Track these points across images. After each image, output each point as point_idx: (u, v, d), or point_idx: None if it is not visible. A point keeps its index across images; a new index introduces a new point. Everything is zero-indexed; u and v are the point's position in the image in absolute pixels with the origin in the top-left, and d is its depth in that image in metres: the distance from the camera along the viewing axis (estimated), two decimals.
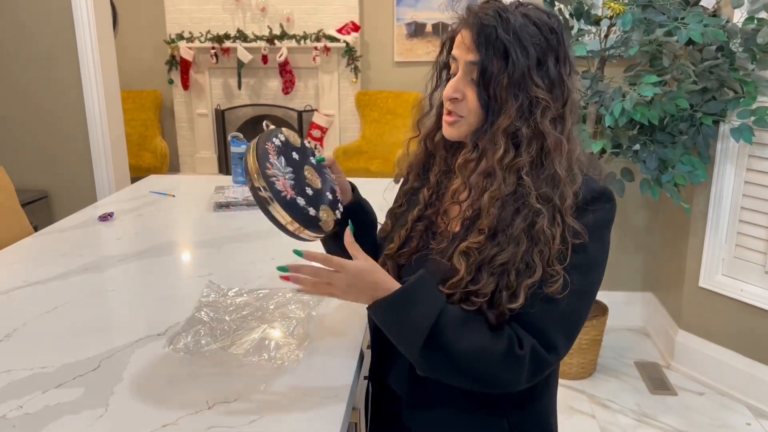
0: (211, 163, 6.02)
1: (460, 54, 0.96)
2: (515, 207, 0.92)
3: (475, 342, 0.91)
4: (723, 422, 2.40)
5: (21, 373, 1.06)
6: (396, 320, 0.93)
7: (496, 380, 0.92)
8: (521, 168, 0.93)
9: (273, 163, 0.97)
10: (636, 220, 3.03)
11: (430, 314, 0.91)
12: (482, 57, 0.93)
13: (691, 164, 2.32)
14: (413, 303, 0.92)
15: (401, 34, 5.48)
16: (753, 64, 2.25)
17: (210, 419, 0.93)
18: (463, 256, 0.94)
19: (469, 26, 0.95)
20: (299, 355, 1.10)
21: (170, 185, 2.33)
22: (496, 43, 0.92)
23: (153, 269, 1.54)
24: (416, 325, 0.90)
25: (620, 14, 2.17)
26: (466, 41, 0.95)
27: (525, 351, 0.90)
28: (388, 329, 0.95)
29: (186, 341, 1.13)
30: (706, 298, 2.62)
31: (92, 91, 3.14)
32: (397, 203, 1.16)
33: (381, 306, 0.93)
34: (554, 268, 0.90)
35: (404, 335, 0.92)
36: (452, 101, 0.97)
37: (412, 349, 0.92)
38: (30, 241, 1.75)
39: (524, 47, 0.92)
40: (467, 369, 0.92)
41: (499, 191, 0.93)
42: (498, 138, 0.93)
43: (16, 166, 3.17)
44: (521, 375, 0.91)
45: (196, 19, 5.60)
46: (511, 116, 0.93)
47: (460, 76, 0.97)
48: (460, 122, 0.98)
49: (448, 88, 0.97)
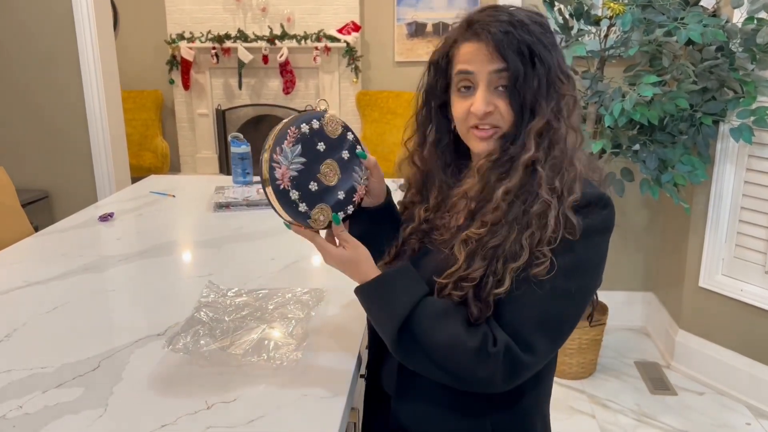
0: (212, 163, 6.02)
1: (478, 67, 0.94)
2: (523, 198, 0.92)
3: (449, 334, 0.91)
4: (723, 422, 2.40)
5: (21, 373, 1.06)
6: (373, 306, 0.98)
7: (471, 377, 0.91)
8: (537, 161, 0.93)
9: (283, 149, 0.97)
10: (636, 220, 3.03)
11: (407, 303, 0.93)
12: (511, 64, 0.92)
13: (691, 164, 2.32)
14: (391, 291, 0.95)
15: (402, 34, 5.48)
16: (753, 64, 2.25)
17: (209, 419, 0.93)
18: (463, 244, 0.94)
19: (480, 38, 0.93)
20: (298, 356, 1.10)
21: (170, 185, 2.34)
22: (520, 47, 0.92)
23: (153, 269, 1.54)
24: (391, 312, 0.94)
25: (620, 14, 2.17)
26: (482, 53, 0.93)
27: (498, 348, 0.89)
28: (368, 314, 1.00)
29: (185, 341, 1.13)
30: (706, 298, 2.62)
31: (93, 91, 3.14)
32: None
33: (362, 290, 0.98)
34: (541, 250, 0.89)
35: (380, 321, 0.96)
36: (486, 116, 0.95)
37: (387, 336, 0.95)
38: (30, 241, 1.76)
39: (545, 47, 0.93)
40: (441, 361, 0.92)
41: (512, 185, 0.93)
42: (530, 139, 0.93)
43: (16, 165, 3.18)
44: (495, 373, 0.89)
45: (196, 19, 5.60)
46: (545, 117, 0.93)
47: (484, 89, 0.94)
48: (497, 132, 0.96)
49: (478, 105, 0.94)
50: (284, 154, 0.97)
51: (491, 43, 0.92)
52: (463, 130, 1.00)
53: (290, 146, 0.97)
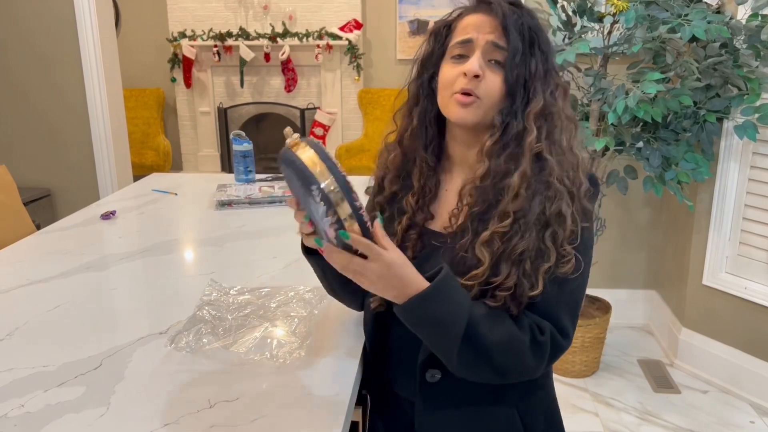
0: (214, 161, 6.02)
1: (478, 35, 0.95)
2: (537, 188, 0.93)
3: (505, 333, 0.91)
4: (727, 420, 2.39)
5: (23, 371, 1.05)
6: (432, 316, 0.89)
7: (523, 368, 0.93)
8: (543, 150, 0.94)
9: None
10: (639, 218, 3.02)
11: (464, 308, 0.90)
12: (512, 41, 0.93)
13: (695, 161, 2.32)
14: (448, 297, 0.89)
15: (404, 31, 5.47)
16: (757, 60, 2.24)
17: (212, 418, 0.92)
18: (486, 245, 0.92)
19: (487, 11, 0.95)
20: (301, 354, 1.09)
21: (172, 183, 2.33)
22: (523, 29, 0.94)
23: (155, 268, 1.54)
24: (454, 319, 0.88)
25: (623, 11, 2.16)
26: (486, 23, 0.95)
27: (546, 337, 0.92)
28: (423, 326, 0.90)
29: (188, 340, 1.13)
30: (710, 295, 2.61)
31: (95, 89, 3.14)
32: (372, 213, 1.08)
33: (415, 302, 0.87)
34: (565, 249, 0.92)
35: (442, 331, 0.89)
36: (474, 79, 0.94)
37: (449, 346, 0.89)
38: (32, 240, 1.75)
39: (545, 37, 0.96)
40: (500, 361, 0.91)
41: (525, 171, 0.93)
42: (530, 122, 0.94)
43: (18, 164, 3.18)
44: (543, 361, 0.93)
45: (198, 17, 5.60)
46: (543, 100, 0.95)
47: (479, 55, 0.94)
48: (477, 104, 0.95)
49: (472, 63, 0.94)
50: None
51: (497, 17, 0.94)
52: (445, 97, 0.98)
53: None
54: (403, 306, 0.88)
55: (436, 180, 1.05)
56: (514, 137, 0.95)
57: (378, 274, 0.85)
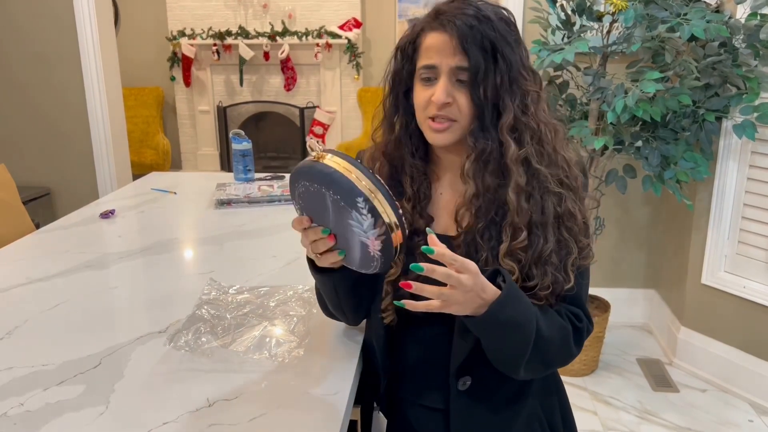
0: (214, 160, 6.02)
1: (441, 60, 0.94)
2: (539, 195, 0.95)
3: (558, 326, 0.96)
4: (725, 419, 2.39)
5: (22, 370, 1.06)
6: (513, 318, 0.89)
7: (568, 357, 0.99)
8: (530, 157, 0.95)
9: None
10: (638, 217, 3.02)
11: (532, 307, 0.93)
12: (472, 59, 0.92)
13: (694, 161, 2.32)
14: (520, 297, 0.92)
15: (403, 30, 5.44)
16: (756, 60, 2.24)
17: (211, 417, 0.93)
18: (511, 257, 0.94)
19: (446, 29, 0.93)
20: (300, 353, 1.10)
21: (172, 182, 2.33)
22: (483, 43, 0.92)
23: (154, 266, 1.54)
24: (529, 318, 0.91)
25: (622, 10, 2.16)
26: (446, 45, 0.93)
27: (583, 324, 1.00)
28: (503, 330, 0.90)
29: (187, 339, 1.13)
30: (709, 294, 2.61)
31: (94, 88, 3.14)
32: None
33: (497, 308, 0.87)
34: (582, 242, 0.96)
35: (520, 332, 0.90)
36: (443, 106, 0.95)
37: (524, 346, 0.91)
38: (32, 239, 1.75)
39: (509, 44, 0.94)
40: (554, 353, 0.96)
41: (518, 185, 0.94)
42: (505, 136, 0.94)
43: (18, 163, 3.18)
44: (581, 347, 1.00)
45: (197, 16, 5.60)
46: (512, 112, 0.94)
47: (445, 80, 0.94)
48: (453, 126, 0.96)
49: (439, 94, 0.94)
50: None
51: (455, 36, 0.92)
52: (421, 119, 1.00)
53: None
54: (487, 313, 0.87)
55: (428, 183, 1.06)
56: (493, 153, 0.96)
57: (467, 287, 0.84)
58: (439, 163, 1.06)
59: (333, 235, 0.91)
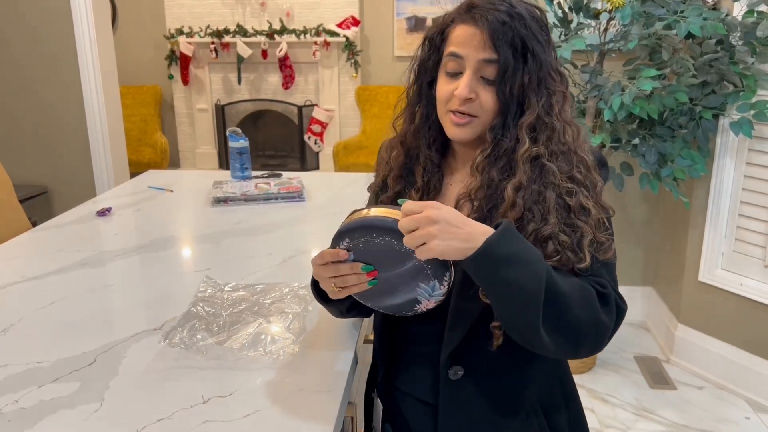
0: (212, 158, 6.01)
1: (469, 52, 0.93)
2: (540, 187, 0.92)
3: (575, 282, 0.88)
4: (722, 416, 2.40)
5: (17, 367, 1.06)
6: (516, 255, 0.82)
7: (598, 325, 0.87)
8: (541, 156, 0.94)
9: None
10: (635, 215, 3.03)
11: (538, 252, 0.85)
12: (502, 56, 0.91)
13: (691, 158, 2.32)
14: (522, 238, 0.85)
15: (401, 28, 5.46)
16: (753, 57, 2.24)
17: (205, 413, 0.93)
18: None
19: (477, 23, 0.93)
20: (295, 350, 1.10)
21: (169, 180, 2.33)
22: (514, 41, 0.91)
23: (150, 264, 1.54)
24: (536, 257, 0.83)
25: (619, 8, 2.16)
26: (476, 38, 0.92)
27: (609, 291, 0.90)
28: (507, 270, 0.81)
29: (182, 336, 1.13)
30: (706, 292, 2.62)
31: (91, 86, 3.13)
32: None
33: (497, 239, 0.81)
34: (601, 236, 0.92)
35: (526, 273, 0.81)
36: (465, 101, 0.94)
37: (533, 296, 0.81)
38: (28, 236, 1.75)
39: (540, 43, 0.93)
40: (577, 315, 0.85)
41: (519, 182, 0.93)
42: (522, 133, 0.94)
43: (15, 161, 3.17)
44: (612, 318, 0.90)
45: (195, 14, 5.59)
46: (536, 111, 0.94)
47: (470, 75, 0.94)
48: (474, 122, 0.96)
49: (462, 88, 0.93)
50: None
51: (486, 31, 0.92)
52: (441, 112, 1.00)
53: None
54: (483, 246, 0.81)
55: (440, 176, 1.06)
56: (506, 150, 0.95)
57: (448, 220, 0.80)
58: (456, 156, 1.06)
59: (374, 272, 0.92)
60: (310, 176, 2.35)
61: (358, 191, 2.16)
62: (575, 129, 0.97)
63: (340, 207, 2.03)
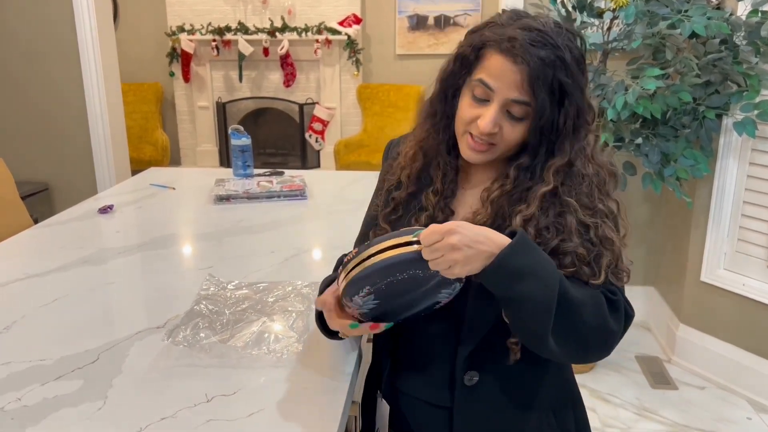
0: (213, 155, 6.01)
1: (501, 87, 0.90)
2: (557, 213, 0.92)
3: (586, 290, 0.89)
4: (723, 416, 2.40)
5: (20, 365, 1.05)
6: (530, 265, 0.83)
7: (607, 333, 0.89)
8: (560, 192, 0.93)
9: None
10: (638, 214, 3.02)
11: (551, 261, 0.86)
12: (539, 100, 0.88)
13: (694, 158, 2.31)
14: (536, 248, 0.86)
15: (403, 26, 5.46)
16: (757, 57, 2.24)
17: (209, 412, 0.92)
18: None
19: (516, 60, 0.88)
20: (298, 348, 1.09)
21: (171, 178, 2.33)
22: (553, 85, 0.88)
23: (153, 262, 1.54)
24: (549, 268, 0.84)
25: (623, 7, 2.15)
26: (512, 76, 0.88)
27: (619, 297, 0.92)
28: (520, 281, 0.83)
29: (185, 334, 1.13)
30: (708, 292, 2.61)
31: (93, 83, 3.13)
32: (387, 208, 1.07)
33: (511, 251, 0.83)
34: (622, 265, 0.93)
35: (539, 284, 0.83)
36: (488, 135, 0.93)
37: (544, 305, 0.83)
38: (30, 234, 1.75)
39: (580, 88, 0.91)
40: (587, 322, 0.87)
41: (531, 214, 0.92)
42: (548, 176, 0.93)
43: (16, 158, 3.17)
44: (621, 324, 0.91)
45: (197, 12, 5.58)
46: (567, 157, 0.93)
47: (497, 109, 0.91)
48: (492, 150, 0.95)
49: (487, 123, 0.91)
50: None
51: (525, 72, 0.88)
52: (460, 131, 0.99)
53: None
54: (497, 259, 0.82)
55: (456, 180, 1.05)
56: (525, 188, 0.94)
57: (455, 245, 0.81)
58: (469, 164, 1.05)
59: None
60: (311, 174, 2.35)
61: (360, 189, 2.16)
62: (607, 173, 0.96)
63: (343, 205, 2.03)
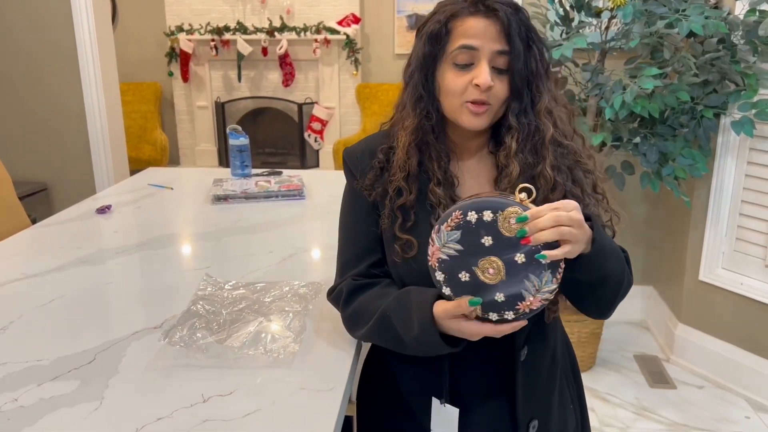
0: (212, 155, 6.01)
1: (484, 43, 0.96)
2: (568, 168, 1.00)
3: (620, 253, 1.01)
4: (722, 415, 2.40)
5: (16, 365, 1.05)
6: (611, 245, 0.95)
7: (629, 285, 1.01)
8: (560, 137, 1.01)
9: (441, 230, 0.91)
10: (636, 214, 3.02)
11: None
12: (514, 47, 0.96)
13: (692, 157, 2.32)
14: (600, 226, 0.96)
15: (402, 26, 5.46)
16: (754, 56, 2.24)
17: (205, 412, 0.92)
18: None
19: (488, 15, 0.96)
20: (295, 348, 1.09)
21: (169, 178, 2.33)
22: (521, 30, 0.97)
23: (150, 262, 1.54)
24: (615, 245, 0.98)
25: (621, 6, 2.15)
26: (489, 30, 0.96)
27: (626, 254, 1.06)
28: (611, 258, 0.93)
29: (182, 334, 1.13)
30: (706, 291, 2.62)
31: (91, 83, 3.12)
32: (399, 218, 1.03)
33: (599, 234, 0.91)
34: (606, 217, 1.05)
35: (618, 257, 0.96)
36: (488, 89, 0.96)
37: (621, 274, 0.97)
38: (28, 234, 1.75)
39: (536, 32, 1.00)
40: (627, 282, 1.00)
41: (555, 161, 0.99)
42: (542, 119, 1.00)
43: (15, 158, 3.17)
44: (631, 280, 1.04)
45: (196, 11, 5.59)
46: (547, 96, 1.01)
47: (485, 64, 0.96)
48: (489, 110, 0.99)
49: (485, 77, 0.95)
50: (440, 234, 0.91)
51: (499, 23, 0.96)
52: (455, 105, 0.99)
53: (448, 230, 0.90)
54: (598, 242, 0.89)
55: (449, 168, 1.06)
56: (530, 134, 1.01)
57: (581, 222, 0.86)
58: (454, 149, 1.08)
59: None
60: (310, 174, 2.35)
61: None
62: (570, 110, 1.06)
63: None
